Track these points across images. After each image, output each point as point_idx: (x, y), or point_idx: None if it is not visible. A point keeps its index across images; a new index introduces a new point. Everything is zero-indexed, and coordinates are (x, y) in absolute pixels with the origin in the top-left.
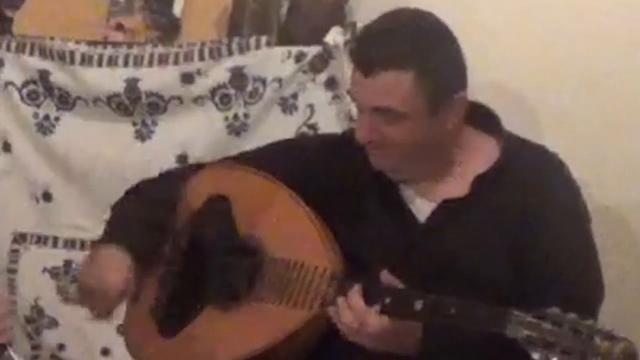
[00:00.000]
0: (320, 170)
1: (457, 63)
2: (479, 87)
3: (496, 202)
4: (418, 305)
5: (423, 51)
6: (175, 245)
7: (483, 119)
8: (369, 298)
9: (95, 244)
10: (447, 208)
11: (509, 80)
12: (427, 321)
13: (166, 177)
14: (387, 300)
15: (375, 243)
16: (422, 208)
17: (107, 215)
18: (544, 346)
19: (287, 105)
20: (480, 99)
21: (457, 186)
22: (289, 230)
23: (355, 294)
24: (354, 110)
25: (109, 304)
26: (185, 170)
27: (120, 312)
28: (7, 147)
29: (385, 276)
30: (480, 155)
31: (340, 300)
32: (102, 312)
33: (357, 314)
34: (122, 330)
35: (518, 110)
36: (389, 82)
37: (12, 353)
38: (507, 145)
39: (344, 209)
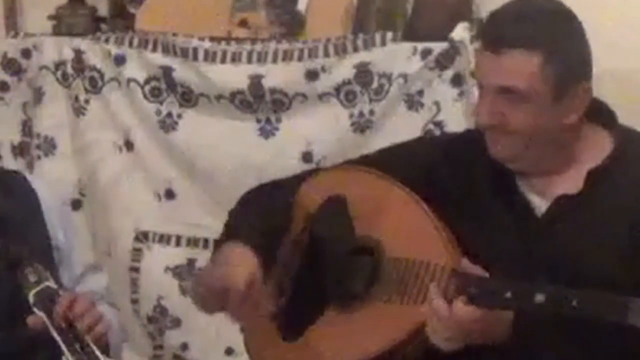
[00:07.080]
0: (438, 171)
1: (585, 53)
2: (607, 78)
3: (612, 199)
4: (540, 297)
5: (553, 35)
6: (294, 249)
7: (596, 111)
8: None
9: (218, 242)
10: (562, 204)
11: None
12: (552, 313)
13: (278, 185)
14: (508, 294)
15: (493, 240)
16: (537, 204)
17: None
18: None
19: (413, 102)
20: (606, 89)
21: (570, 181)
22: (407, 228)
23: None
24: None
25: (230, 302)
26: (299, 176)
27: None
28: (129, 145)
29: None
30: (594, 149)
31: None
32: (215, 309)
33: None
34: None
35: None
36: (516, 62)
37: None
38: (621, 138)
39: (461, 208)
